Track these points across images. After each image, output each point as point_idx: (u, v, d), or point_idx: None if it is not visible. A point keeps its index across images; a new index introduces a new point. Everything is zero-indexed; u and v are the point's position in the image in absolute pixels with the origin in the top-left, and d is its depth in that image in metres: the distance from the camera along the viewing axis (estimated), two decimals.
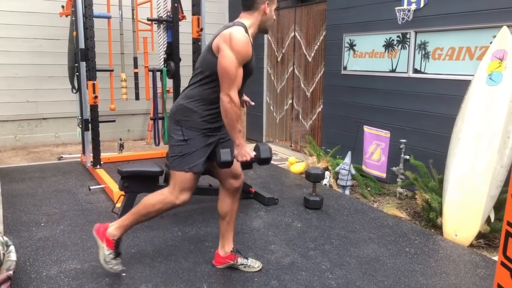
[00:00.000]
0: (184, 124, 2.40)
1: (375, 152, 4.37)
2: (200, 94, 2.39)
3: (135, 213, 2.51)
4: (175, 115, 2.44)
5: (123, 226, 2.52)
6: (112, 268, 2.51)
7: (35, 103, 6.25)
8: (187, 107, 2.40)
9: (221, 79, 2.27)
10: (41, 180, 4.49)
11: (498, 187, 3.21)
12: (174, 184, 2.44)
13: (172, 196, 2.43)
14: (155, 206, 2.45)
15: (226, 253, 2.69)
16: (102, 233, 2.52)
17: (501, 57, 3.30)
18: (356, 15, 4.83)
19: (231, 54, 2.25)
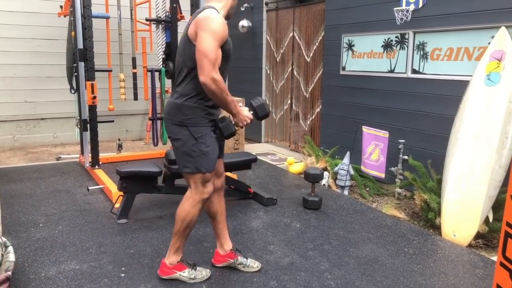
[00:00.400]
0: (189, 124, 2.32)
1: (373, 152, 4.38)
2: (195, 88, 2.30)
3: (178, 232, 2.46)
4: (175, 116, 2.34)
5: (177, 248, 2.51)
6: (203, 276, 2.56)
7: (33, 103, 6.24)
8: (187, 105, 2.32)
9: (201, 63, 2.17)
10: (39, 180, 4.49)
11: (497, 188, 3.22)
12: (195, 185, 2.39)
13: (198, 195, 2.40)
14: (190, 212, 2.41)
15: (226, 252, 2.68)
16: (168, 269, 2.54)
17: (499, 57, 3.30)
18: (355, 15, 4.83)
19: (208, 35, 2.17)
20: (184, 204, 2.44)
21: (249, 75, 7.09)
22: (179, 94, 2.35)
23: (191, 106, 2.31)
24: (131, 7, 5.15)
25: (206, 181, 2.39)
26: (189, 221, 2.43)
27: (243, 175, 4.68)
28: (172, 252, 2.52)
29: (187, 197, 2.44)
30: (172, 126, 2.37)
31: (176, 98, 2.35)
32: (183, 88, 2.34)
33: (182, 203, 2.45)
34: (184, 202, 2.44)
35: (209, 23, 2.19)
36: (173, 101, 2.37)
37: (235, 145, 5.88)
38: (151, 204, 3.80)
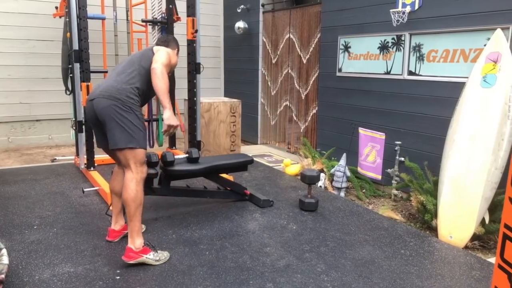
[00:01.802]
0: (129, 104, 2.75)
1: (370, 154, 4.38)
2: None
3: (134, 214, 2.69)
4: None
5: (138, 231, 2.71)
6: (165, 258, 2.80)
7: (28, 105, 6.21)
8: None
9: (155, 58, 2.81)
10: (34, 182, 4.45)
11: (493, 189, 3.22)
12: (134, 163, 2.71)
13: (139, 174, 2.73)
14: (138, 191, 2.71)
15: (121, 226, 3.06)
16: (135, 253, 2.70)
17: (495, 59, 3.31)
18: (351, 17, 4.84)
19: (164, 55, 2.87)
20: (128, 184, 2.68)
21: (245, 76, 7.09)
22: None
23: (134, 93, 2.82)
24: (127, 8, 5.13)
25: (144, 161, 2.78)
26: (140, 199, 2.71)
27: (240, 177, 4.66)
28: (134, 236, 2.69)
29: (128, 177, 2.70)
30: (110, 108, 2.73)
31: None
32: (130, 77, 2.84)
33: (125, 186, 2.70)
34: (127, 183, 2.69)
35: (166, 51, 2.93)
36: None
37: (232, 146, 5.86)
38: (146, 206, 3.77)
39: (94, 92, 2.76)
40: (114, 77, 2.81)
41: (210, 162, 3.73)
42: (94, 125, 2.86)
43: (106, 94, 2.68)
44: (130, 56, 2.99)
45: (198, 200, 3.89)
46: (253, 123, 7.00)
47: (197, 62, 4.98)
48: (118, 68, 2.90)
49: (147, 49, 3.00)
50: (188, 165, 3.61)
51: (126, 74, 2.80)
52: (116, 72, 2.86)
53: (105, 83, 2.78)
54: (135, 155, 2.70)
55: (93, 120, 2.81)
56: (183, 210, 3.72)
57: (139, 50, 5.18)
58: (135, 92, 2.78)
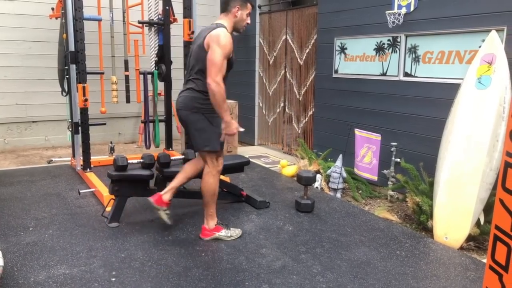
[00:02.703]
0: (204, 111, 2.95)
1: (366, 155, 4.39)
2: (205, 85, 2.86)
3: (208, 202, 3.07)
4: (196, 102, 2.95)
5: (211, 215, 3.10)
6: (237, 233, 3.20)
7: (24, 106, 6.19)
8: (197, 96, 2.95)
9: (209, 68, 2.80)
10: (30, 183, 4.44)
11: (488, 190, 3.23)
12: (211, 160, 3.02)
13: (214, 168, 3.06)
14: (213, 183, 3.06)
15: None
16: (209, 231, 3.11)
17: (490, 61, 3.33)
18: (347, 18, 4.85)
19: (219, 49, 2.81)
20: (206, 176, 3.04)
21: (242, 78, 7.09)
22: (194, 88, 2.97)
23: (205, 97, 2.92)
24: (124, 9, 5.12)
25: (219, 155, 3.08)
26: (214, 190, 3.06)
27: (236, 178, 4.66)
28: (209, 219, 3.10)
29: (206, 171, 3.04)
30: (190, 115, 2.97)
31: (193, 90, 2.97)
32: (198, 85, 2.95)
33: (204, 177, 3.05)
34: (205, 175, 3.04)
35: (220, 40, 2.83)
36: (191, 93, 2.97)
37: (228, 147, 5.86)
38: (142, 207, 3.78)
39: (179, 100, 3.08)
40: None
41: None
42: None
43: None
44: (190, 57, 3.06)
45: (195, 202, 3.88)
46: (250, 124, 7.00)
47: None
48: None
49: (200, 45, 2.89)
50: None
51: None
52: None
53: (184, 93, 3.07)
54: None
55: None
56: (179, 211, 3.71)
57: (135, 51, 5.19)
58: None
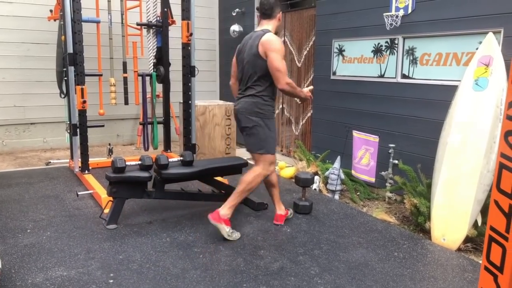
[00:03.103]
0: (263, 116, 3.19)
1: (364, 156, 4.39)
2: (266, 90, 3.20)
3: (239, 192, 3.20)
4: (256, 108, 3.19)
5: (232, 206, 3.19)
6: (236, 237, 3.20)
7: (22, 108, 6.19)
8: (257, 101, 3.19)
9: (276, 75, 3.09)
10: (28, 185, 4.44)
11: (485, 191, 3.24)
12: (264, 163, 3.23)
13: (264, 171, 3.26)
14: (255, 180, 3.22)
15: (283, 209, 3.53)
16: (219, 218, 3.15)
17: (487, 63, 3.34)
18: (345, 20, 4.87)
19: (277, 55, 3.07)
20: (253, 172, 3.22)
21: None
22: (255, 94, 3.20)
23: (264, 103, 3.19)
24: (122, 11, 5.13)
25: (272, 161, 3.29)
26: (251, 186, 3.22)
27: (234, 180, 4.65)
28: (228, 206, 3.18)
29: (256, 169, 3.24)
30: (256, 118, 3.18)
31: (254, 96, 3.20)
32: (258, 91, 3.19)
33: (251, 171, 3.24)
34: (253, 171, 3.24)
35: (274, 45, 3.09)
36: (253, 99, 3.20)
37: (227, 149, 5.87)
38: (141, 209, 3.78)
39: (240, 105, 3.31)
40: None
41: (204, 165, 3.74)
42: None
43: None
44: (243, 64, 3.28)
45: (193, 203, 3.89)
46: None
47: (192, 65, 5.00)
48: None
49: (255, 53, 3.13)
50: (182, 168, 3.62)
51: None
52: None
53: (245, 99, 3.30)
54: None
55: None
56: (177, 213, 3.72)
57: (133, 53, 5.19)
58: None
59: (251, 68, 3.17)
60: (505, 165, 1.31)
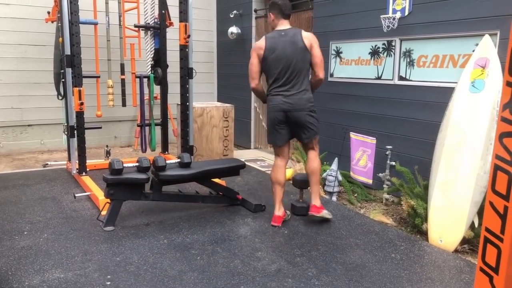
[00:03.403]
0: (313, 107, 3.47)
1: (361, 158, 4.40)
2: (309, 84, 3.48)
3: (318, 180, 3.55)
4: (311, 104, 3.44)
5: (319, 192, 3.58)
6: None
7: (20, 110, 6.18)
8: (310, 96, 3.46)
9: (320, 66, 3.40)
10: (25, 187, 4.43)
11: (482, 193, 3.25)
12: (317, 143, 3.58)
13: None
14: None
15: (283, 212, 3.56)
16: (319, 208, 3.48)
17: (483, 65, 3.36)
18: (342, 23, 4.88)
19: (319, 48, 3.39)
20: (316, 156, 3.52)
21: (238, 81, 7.11)
22: (305, 88, 3.42)
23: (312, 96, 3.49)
24: (120, 13, 5.14)
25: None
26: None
27: (232, 182, 4.67)
28: (318, 196, 3.52)
29: (316, 155, 3.54)
30: (311, 112, 3.43)
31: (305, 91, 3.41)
32: (306, 85, 3.41)
33: (315, 157, 3.52)
34: (315, 155, 3.53)
35: (315, 39, 3.42)
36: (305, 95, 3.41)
37: (224, 151, 5.87)
38: (138, 211, 3.78)
39: (292, 103, 3.41)
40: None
41: (202, 167, 3.74)
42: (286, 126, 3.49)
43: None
44: (283, 62, 3.36)
45: (190, 205, 3.89)
46: (246, 127, 7.01)
47: (189, 67, 5.00)
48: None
49: (303, 48, 3.35)
50: (180, 170, 3.62)
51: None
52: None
53: (298, 95, 3.44)
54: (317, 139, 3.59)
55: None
56: (175, 215, 3.72)
57: (131, 55, 5.19)
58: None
59: (301, 63, 3.33)
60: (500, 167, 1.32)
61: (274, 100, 3.41)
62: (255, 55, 3.42)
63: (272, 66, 3.37)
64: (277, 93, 3.39)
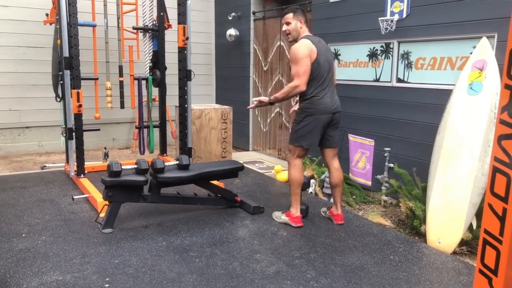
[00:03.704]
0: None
1: (360, 160, 4.41)
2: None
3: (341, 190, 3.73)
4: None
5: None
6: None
7: (18, 112, 6.17)
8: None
9: (335, 73, 3.78)
10: (23, 189, 4.42)
11: (480, 195, 3.26)
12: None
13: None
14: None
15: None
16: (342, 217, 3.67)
17: (481, 67, 3.37)
18: (341, 25, 4.90)
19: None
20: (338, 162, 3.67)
21: (237, 83, 7.12)
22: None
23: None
24: (118, 15, 5.14)
25: None
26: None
27: (230, 183, 4.67)
28: (340, 204, 3.71)
29: (339, 164, 3.67)
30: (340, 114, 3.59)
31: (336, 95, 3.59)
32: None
33: (338, 164, 3.65)
34: (341, 168, 3.66)
35: None
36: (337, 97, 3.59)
37: (223, 153, 5.87)
38: (136, 213, 3.77)
39: (336, 104, 3.53)
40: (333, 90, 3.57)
41: (200, 169, 3.74)
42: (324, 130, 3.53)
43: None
44: (326, 65, 3.48)
45: (189, 207, 3.89)
46: (245, 129, 7.01)
47: (188, 69, 5.01)
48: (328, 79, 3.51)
49: (332, 55, 3.81)
50: (178, 172, 3.62)
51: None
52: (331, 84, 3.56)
53: (336, 97, 3.57)
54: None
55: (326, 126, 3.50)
56: (173, 217, 3.71)
57: (130, 57, 5.19)
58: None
59: (330, 69, 3.50)
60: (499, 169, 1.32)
61: (323, 103, 3.43)
62: (308, 56, 3.35)
63: (322, 70, 3.42)
64: (324, 96, 3.44)
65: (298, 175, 3.54)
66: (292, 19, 3.49)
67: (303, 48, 3.36)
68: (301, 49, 3.36)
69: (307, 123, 3.43)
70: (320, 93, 3.42)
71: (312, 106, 3.42)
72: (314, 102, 3.42)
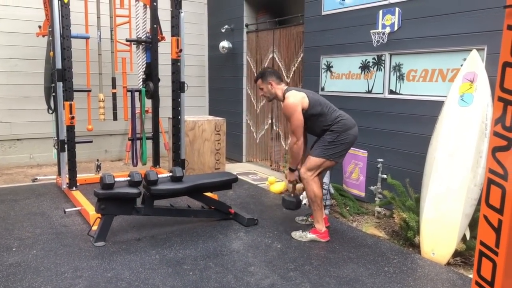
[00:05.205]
0: None
1: (354, 171, 4.42)
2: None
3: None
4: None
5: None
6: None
7: (9, 124, 6.11)
8: None
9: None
10: (13, 202, 4.36)
11: (472, 206, 3.28)
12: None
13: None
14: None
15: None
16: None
17: (471, 79, 3.42)
18: (333, 37, 4.94)
19: None
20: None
21: (230, 95, 7.13)
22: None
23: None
24: (111, 27, 5.15)
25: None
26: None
27: (224, 195, 4.65)
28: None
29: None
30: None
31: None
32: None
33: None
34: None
35: None
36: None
37: (216, 164, 5.85)
38: (129, 226, 3.73)
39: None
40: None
41: (194, 181, 3.73)
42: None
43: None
44: (322, 97, 3.72)
45: (182, 220, 3.86)
46: (238, 141, 7.01)
47: (181, 81, 5.01)
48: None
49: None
50: (172, 184, 3.60)
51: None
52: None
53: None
54: None
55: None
56: (167, 229, 3.68)
57: (123, 69, 5.19)
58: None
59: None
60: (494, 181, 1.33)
61: (350, 120, 3.58)
62: (299, 105, 3.45)
63: (322, 100, 3.60)
64: (344, 114, 3.58)
65: (320, 191, 3.59)
66: (262, 84, 3.63)
67: (291, 99, 3.46)
68: (290, 101, 3.46)
69: (345, 138, 3.52)
70: (340, 115, 3.56)
71: (344, 125, 3.52)
72: (343, 122, 3.54)
